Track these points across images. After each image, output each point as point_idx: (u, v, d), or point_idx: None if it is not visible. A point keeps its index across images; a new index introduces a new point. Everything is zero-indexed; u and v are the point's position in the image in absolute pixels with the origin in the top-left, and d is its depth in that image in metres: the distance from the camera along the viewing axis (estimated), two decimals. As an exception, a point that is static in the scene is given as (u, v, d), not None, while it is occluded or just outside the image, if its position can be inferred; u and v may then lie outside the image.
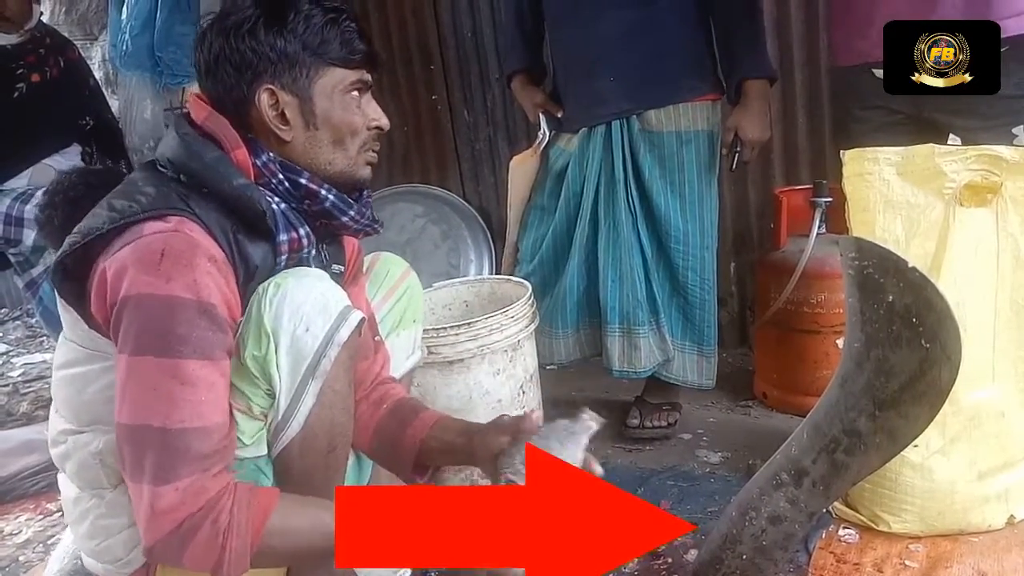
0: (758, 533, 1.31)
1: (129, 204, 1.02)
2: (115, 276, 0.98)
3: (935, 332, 1.12)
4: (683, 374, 2.01)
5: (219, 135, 1.09)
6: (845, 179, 1.49)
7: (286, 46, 1.09)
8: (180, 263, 0.97)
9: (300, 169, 1.12)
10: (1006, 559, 1.42)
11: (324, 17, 1.11)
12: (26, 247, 2.48)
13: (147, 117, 2.85)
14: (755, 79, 1.88)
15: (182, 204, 1.03)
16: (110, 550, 1.14)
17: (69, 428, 1.14)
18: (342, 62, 1.12)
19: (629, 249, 1.93)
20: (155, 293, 0.95)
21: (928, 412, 1.18)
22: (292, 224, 1.11)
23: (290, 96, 1.10)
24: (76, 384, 1.11)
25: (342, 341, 1.07)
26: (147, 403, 0.95)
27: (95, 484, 1.13)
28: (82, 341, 1.09)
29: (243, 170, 1.08)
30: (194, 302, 0.97)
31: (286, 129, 1.11)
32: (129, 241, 0.99)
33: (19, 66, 2.49)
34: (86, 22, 3.44)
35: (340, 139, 1.14)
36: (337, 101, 1.13)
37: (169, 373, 0.95)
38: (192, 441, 0.95)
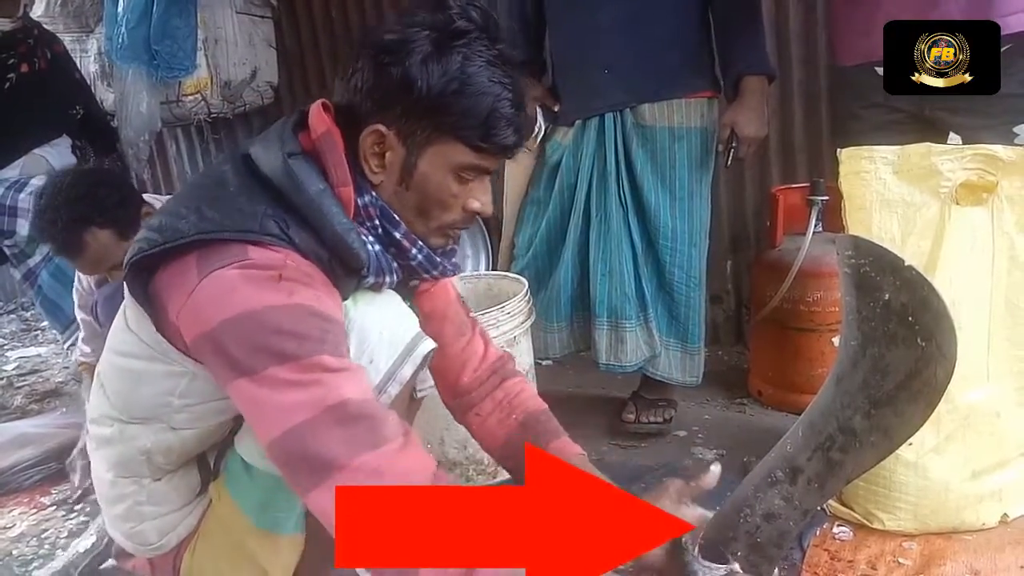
0: (752, 530, 1.31)
1: (222, 217, 0.96)
2: (219, 296, 0.91)
3: (931, 331, 1.12)
4: (668, 371, 2.01)
5: (328, 163, 1.01)
6: (842, 177, 1.49)
7: (421, 95, 0.97)
8: (300, 282, 0.93)
9: (398, 221, 1.05)
10: (999, 558, 1.42)
11: (485, 86, 0.97)
12: (21, 238, 2.47)
13: (143, 110, 2.84)
14: (753, 75, 1.87)
15: (280, 232, 0.96)
16: (143, 534, 1.15)
17: (117, 416, 1.11)
18: (471, 144, 1.00)
19: (619, 243, 1.93)
20: (282, 304, 0.90)
21: (923, 411, 1.18)
22: (383, 269, 1.05)
23: (398, 143, 1.01)
24: (132, 378, 1.08)
25: (405, 379, 1.04)
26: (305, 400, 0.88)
27: (137, 474, 1.12)
28: (146, 339, 1.04)
29: (345, 207, 1.00)
30: (320, 311, 0.93)
31: (379, 172, 1.03)
32: (231, 261, 0.93)
33: (10, 55, 2.49)
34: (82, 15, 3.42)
35: (425, 209, 1.05)
36: (442, 175, 1.02)
37: (317, 368, 0.89)
38: (372, 409, 0.90)
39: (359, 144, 1.02)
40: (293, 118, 1.07)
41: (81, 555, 1.77)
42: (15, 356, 3.65)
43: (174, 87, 2.98)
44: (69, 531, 1.93)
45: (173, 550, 1.15)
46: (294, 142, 1.02)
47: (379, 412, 0.92)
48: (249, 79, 3.21)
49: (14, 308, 4.57)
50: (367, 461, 0.87)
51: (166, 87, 2.95)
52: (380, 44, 1.00)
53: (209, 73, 3.05)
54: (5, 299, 4.74)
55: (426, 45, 0.97)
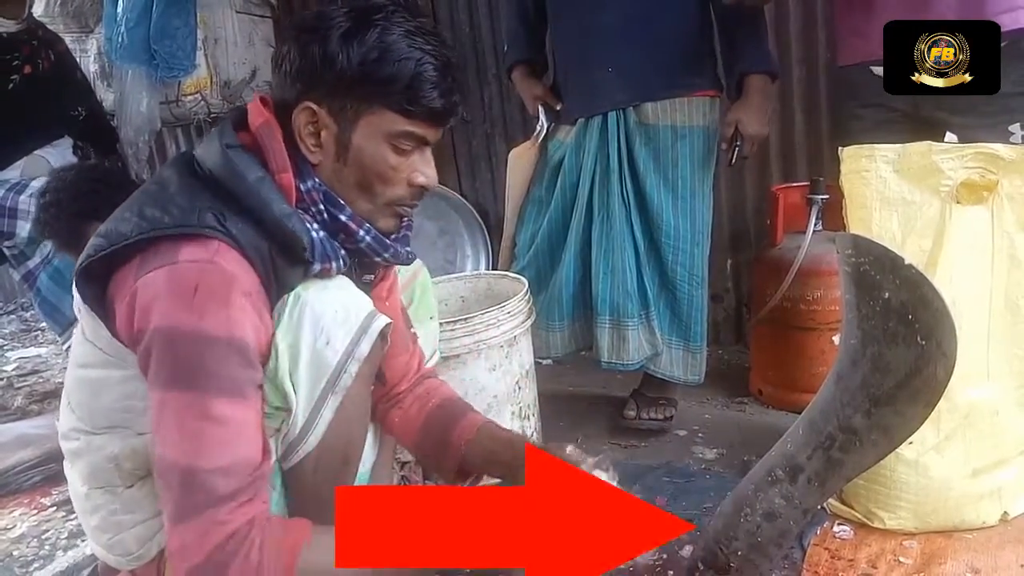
0: (753, 529, 1.31)
1: (161, 215, 0.97)
2: (146, 303, 0.93)
3: (931, 329, 1.12)
4: (670, 369, 2.01)
5: (268, 151, 1.02)
6: (842, 176, 1.49)
7: (345, 68, 0.99)
8: (214, 299, 0.93)
9: (342, 204, 1.05)
10: (1000, 556, 1.42)
11: (405, 51, 1.00)
12: (21, 239, 2.47)
13: (142, 110, 2.84)
14: (756, 74, 1.87)
15: (218, 224, 0.96)
16: (122, 544, 1.14)
17: (82, 428, 1.11)
18: (399, 109, 1.01)
19: (621, 241, 1.93)
20: (187, 329, 0.92)
21: (923, 409, 1.19)
22: (328, 255, 1.05)
23: (330, 120, 1.02)
24: (93, 387, 1.08)
25: (363, 356, 1.04)
26: (176, 441, 0.92)
27: (108, 483, 1.12)
28: (102, 345, 1.04)
29: (286, 194, 1.01)
30: (226, 339, 0.93)
31: (316, 151, 1.04)
32: (162, 264, 0.94)
33: (14, 57, 2.48)
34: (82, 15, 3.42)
35: (367, 184, 1.05)
36: (375, 146, 1.03)
37: (198, 410, 0.92)
38: (219, 479, 0.91)
39: (293, 125, 1.03)
40: (232, 115, 1.08)
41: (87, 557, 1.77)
42: (15, 357, 3.65)
43: (174, 87, 2.98)
44: (70, 532, 1.93)
45: (155, 559, 1.13)
46: (232, 136, 1.04)
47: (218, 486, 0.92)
48: (249, 79, 3.21)
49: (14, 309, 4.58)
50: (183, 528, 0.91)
51: (166, 87, 2.95)
52: (301, 26, 1.03)
53: (209, 73, 3.05)
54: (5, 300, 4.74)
55: (344, 21, 1.00)
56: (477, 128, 3.09)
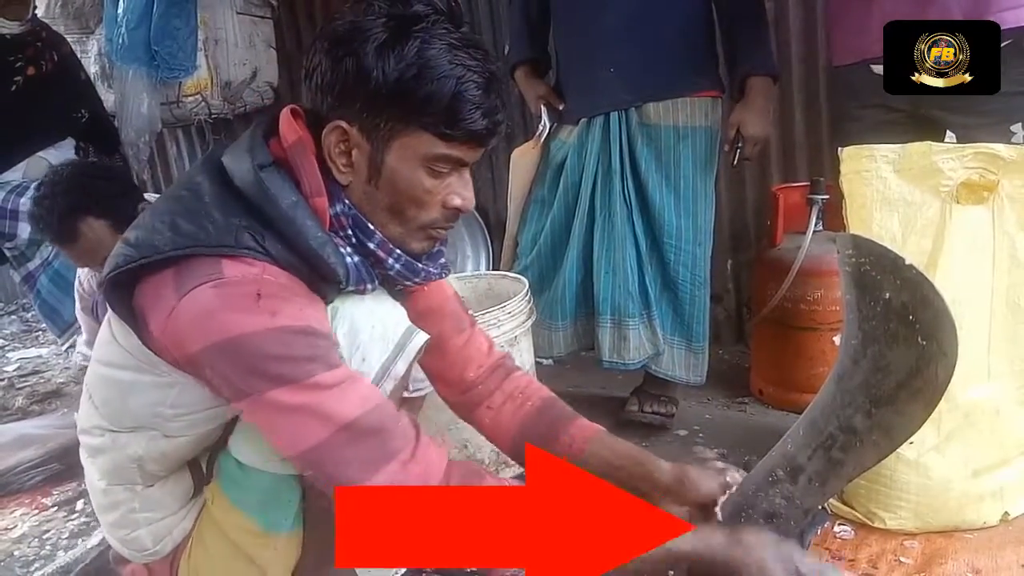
0: (754, 529, 1.31)
1: (197, 230, 0.93)
2: (199, 319, 0.90)
3: (932, 329, 1.12)
4: (672, 369, 2.01)
5: (301, 173, 0.97)
6: (842, 176, 1.49)
7: (381, 85, 0.92)
8: (279, 299, 0.91)
9: (372, 231, 1.00)
10: (1000, 556, 1.42)
11: (446, 68, 0.92)
12: (22, 240, 2.48)
13: (143, 111, 2.85)
14: (759, 76, 1.88)
15: (256, 244, 0.93)
16: (138, 540, 1.14)
17: (106, 426, 1.09)
18: (437, 132, 0.94)
19: (623, 241, 1.93)
20: (263, 328, 0.88)
21: (924, 409, 1.18)
22: (363, 279, 1.02)
23: (363, 139, 0.96)
24: (120, 389, 1.06)
25: (399, 375, 1.03)
26: (309, 422, 0.88)
27: (129, 481, 1.12)
28: (132, 350, 1.01)
29: (320, 219, 0.97)
30: (305, 328, 0.91)
31: (346, 172, 0.98)
32: (205, 280, 0.90)
33: (17, 58, 2.49)
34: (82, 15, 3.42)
35: (399, 208, 0.99)
36: (411, 169, 0.96)
37: (313, 389, 0.88)
38: (378, 420, 0.89)
39: (323, 144, 0.97)
40: (263, 125, 1.03)
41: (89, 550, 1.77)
42: (16, 357, 3.65)
43: (174, 88, 2.98)
44: (71, 532, 1.93)
45: (169, 555, 1.14)
46: (264, 152, 0.98)
47: (386, 422, 0.91)
48: (249, 80, 3.22)
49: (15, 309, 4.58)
50: (381, 478, 0.89)
51: (166, 88, 2.96)
52: (333, 36, 0.95)
53: (209, 74, 3.05)
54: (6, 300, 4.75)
55: (381, 32, 0.92)
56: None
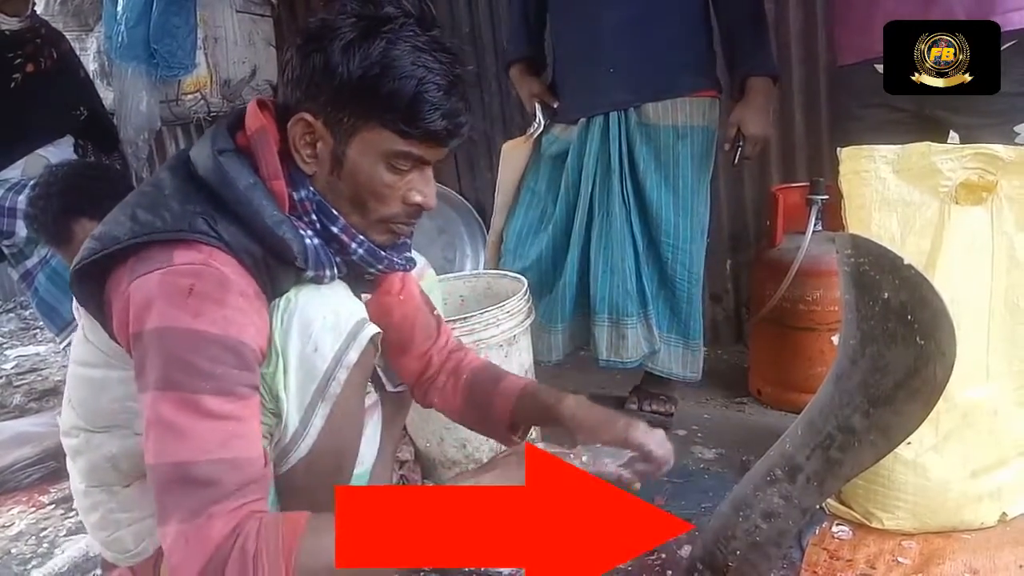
0: (752, 529, 1.31)
1: (154, 219, 0.95)
2: (140, 305, 0.92)
3: (930, 329, 1.12)
4: (669, 366, 2.02)
5: (260, 158, 1.00)
6: (841, 177, 1.49)
7: (345, 80, 0.96)
8: (209, 299, 0.92)
9: (335, 216, 1.03)
10: (998, 556, 1.42)
11: (408, 69, 0.95)
12: (20, 238, 2.47)
13: (142, 109, 2.84)
14: (759, 76, 1.88)
15: (210, 229, 0.95)
16: (120, 541, 1.15)
17: (82, 425, 1.11)
18: (396, 129, 0.98)
19: (621, 241, 1.93)
20: (180, 327, 0.90)
21: (922, 409, 1.19)
22: (322, 262, 1.04)
23: (326, 132, 0.99)
24: (93, 387, 1.08)
25: (351, 363, 1.03)
26: (171, 440, 0.89)
27: (106, 482, 1.12)
28: (101, 346, 1.04)
29: (278, 201, 0.99)
30: (221, 338, 0.91)
31: (310, 163, 1.01)
32: (155, 267, 0.93)
33: (16, 55, 2.48)
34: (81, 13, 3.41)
35: (360, 200, 1.03)
36: (370, 163, 1.00)
37: (192, 408, 0.89)
38: (222, 473, 0.88)
39: (288, 135, 1.01)
40: (229, 117, 1.06)
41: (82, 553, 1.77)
42: (14, 355, 3.65)
43: (174, 86, 2.98)
44: (68, 530, 1.93)
45: (152, 557, 1.14)
46: (225, 139, 1.01)
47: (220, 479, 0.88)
48: (249, 78, 3.21)
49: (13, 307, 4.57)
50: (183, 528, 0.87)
51: (166, 86, 2.95)
52: (305, 33, 0.99)
53: (209, 72, 3.05)
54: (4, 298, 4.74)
55: (349, 31, 0.96)
56: (476, 127, 3.09)
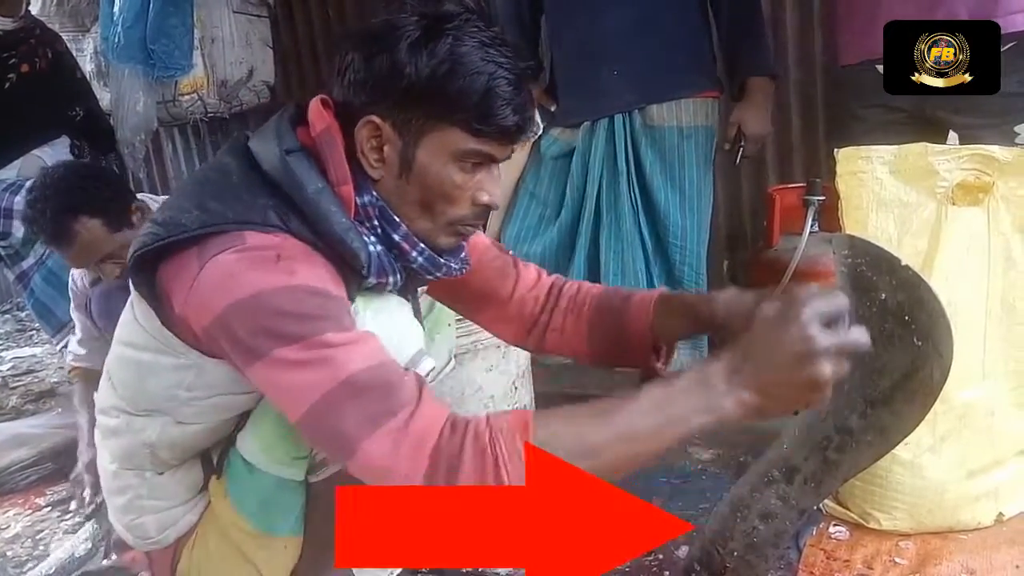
0: (749, 530, 1.31)
1: (225, 210, 0.95)
2: (221, 281, 0.91)
3: (927, 330, 1.12)
4: (676, 369, 2.02)
5: (328, 160, 0.99)
6: (838, 177, 1.49)
7: (414, 80, 0.94)
8: (299, 261, 0.92)
9: (397, 222, 1.01)
10: (995, 557, 1.42)
11: (478, 65, 0.94)
12: (16, 239, 2.46)
13: (139, 110, 2.84)
14: (758, 76, 1.88)
15: (281, 223, 0.95)
16: (142, 527, 1.15)
17: (123, 407, 1.10)
18: (468, 127, 0.96)
19: (631, 243, 1.94)
20: (279, 286, 0.89)
21: (919, 410, 1.19)
22: (385, 270, 1.02)
23: (394, 135, 0.97)
24: (139, 370, 1.07)
25: None
26: (315, 374, 0.87)
27: (140, 467, 1.13)
28: (153, 332, 1.03)
29: (345, 206, 0.98)
30: (320, 288, 0.91)
31: (378, 166, 1.00)
32: (229, 247, 0.92)
33: (11, 55, 2.47)
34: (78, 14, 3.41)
35: (429, 203, 1.01)
36: (441, 164, 0.98)
37: (321, 345, 0.87)
38: (385, 374, 0.87)
39: (355, 139, 0.99)
40: (289, 112, 1.05)
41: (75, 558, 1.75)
42: (10, 356, 3.64)
43: (170, 86, 2.98)
44: (64, 532, 1.92)
45: (171, 546, 1.15)
46: (292, 138, 1.00)
47: (389, 377, 0.88)
48: (245, 78, 3.21)
49: (9, 308, 4.56)
50: (381, 434, 0.85)
51: (162, 86, 2.95)
52: (368, 34, 0.98)
53: (205, 72, 3.05)
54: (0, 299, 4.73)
55: (414, 30, 0.94)
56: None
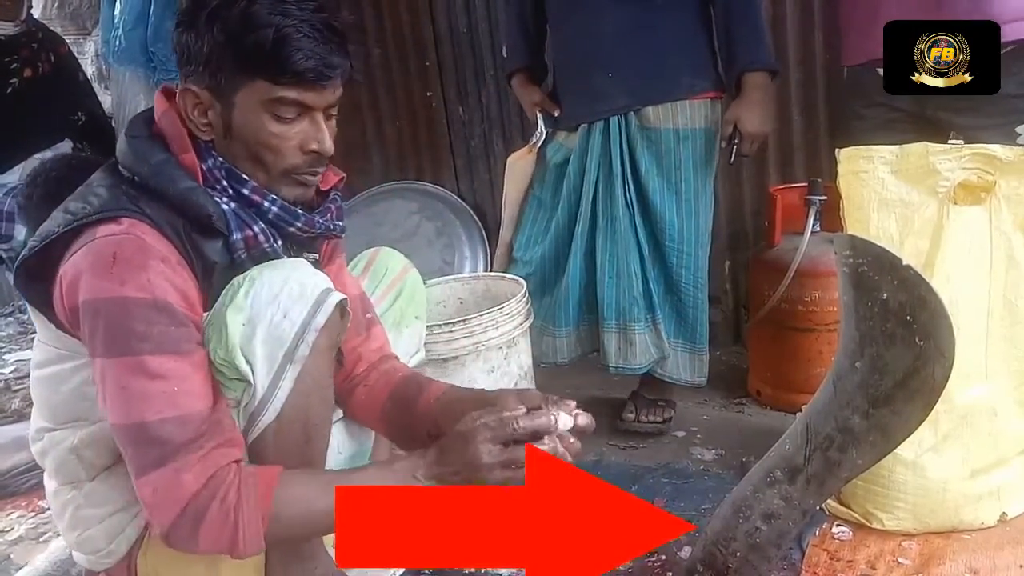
0: (752, 530, 1.31)
1: (82, 206, 1.03)
2: (71, 281, 0.99)
3: (929, 330, 1.12)
4: (676, 372, 2.02)
5: (168, 136, 1.08)
6: (840, 177, 1.49)
7: (212, 45, 1.04)
8: (132, 265, 0.98)
9: (245, 179, 1.10)
10: (998, 557, 1.42)
11: (266, 18, 1.02)
12: (18, 242, 2.47)
13: (140, 112, 2.84)
14: (755, 71, 1.87)
15: (132, 205, 1.03)
16: (91, 540, 1.15)
17: (46, 426, 1.15)
18: (267, 76, 1.04)
19: (627, 246, 1.93)
20: (110, 296, 0.97)
21: (921, 410, 1.19)
22: (245, 222, 1.09)
23: (211, 98, 1.07)
24: (51, 383, 1.12)
25: (319, 326, 1.06)
26: (123, 403, 0.97)
27: (73, 477, 1.14)
28: (52, 342, 1.10)
29: (191, 173, 1.07)
30: (149, 300, 0.98)
31: (205, 130, 1.09)
32: (83, 243, 1.00)
33: (13, 60, 2.48)
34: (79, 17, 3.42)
35: (257, 156, 1.09)
36: (256, 116, 1.06)
37: (135, 370, 0.96)
38: (173, 429, 0.96)
39: (179, 110, 1.08)
40: (145, 112, 1.14)
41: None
42: (12, 359, 3.63)
43: (172, 89, 2.98)
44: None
45: (125, 557, 1.15)
46: (139, 128, 1.10)
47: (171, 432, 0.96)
48: (246, 80, 3.21)
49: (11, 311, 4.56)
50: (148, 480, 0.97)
51: (163, 89, 2.95)
52: (180, 15, 1.09)
53: (206, 75, 3.04)
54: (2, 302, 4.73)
55: (214, 1, 1.04)
56: (475, 128, 3.09)
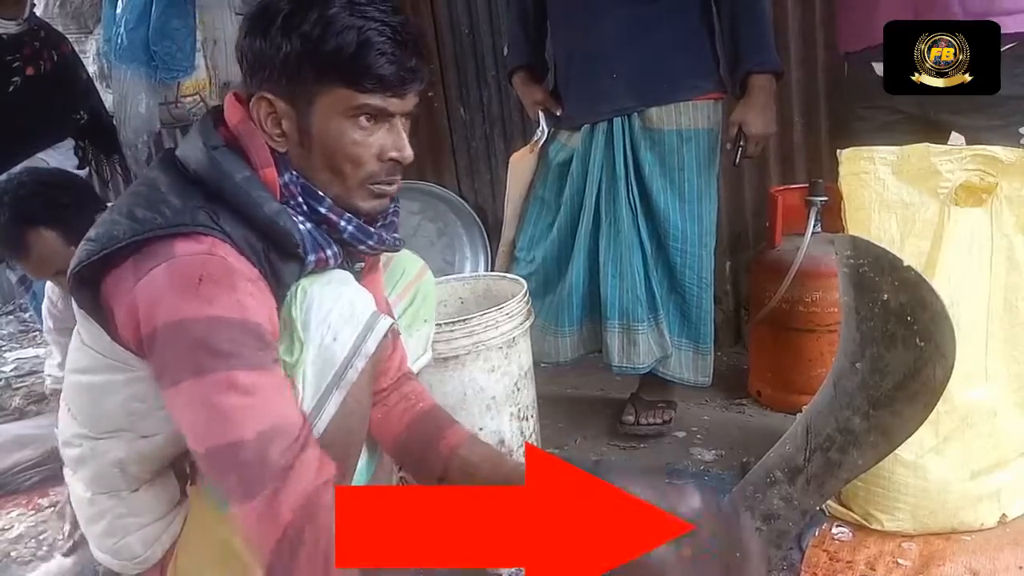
0: (752, 531, 1.31)
1: (153, 216, 0.96)
2: (150, 302, 0.93)
3: (930, 331, 1.12)
4: (680, 371, 2.02)
5: (249, 148, 1.03)
6: (841, 178, 1.49)
7: (289, 51, 0.99)
8: (220, 285, 0.93)
9: (321, 196, 1.05)
10: (998, 558, 1.42)
11: (346, 21, 0.98)
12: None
13: (141, 111, 2.84)
14: (760, 73, 1.87)
15: (211, 222, 0.97)
16: (128, 547, 1.14)
17: (84, 433, 1.11)
18: (349, 83, 1.00)
19: (629, 246, 1.93)
20: (198, 316, 0.91)
21: (922, 411, 1.19)
22: (320, 245, 1.06)
23: (287, 107, 1.02)
24: (93, 392, 1.07)
25: (369, 353, 1.05)
26: (217, 423, 0.90)
27: (113, 488, 1.12)
28: (102, 350, 1.04)
29: (271, 190, 1.02)
30: (239, 321, 0.92)
31: (280, 140, 1.04)
32: (160, 261, 0.94)
33: (15, 58, 2.47)
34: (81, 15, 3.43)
35: (335, 167, 1.05)
36: (336, 125, 1.02)
37: (225, 387, 0.90)
38: (268, 446, 0.89)
39: (253, 119, 1.03)
40: (211, 115, 1.09)
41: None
42: (13, 357, 3.64)
43: (173, 88, 2.97)
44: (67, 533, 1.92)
45: (159, 563, 1.15)
46: (214, 136, 1.04)
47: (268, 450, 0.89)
48: (247, 80, 3.21)
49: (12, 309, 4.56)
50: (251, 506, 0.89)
51: (165, 88, 2.95)
52: (248, 20, 1.04)
53: (208, 74, 3.04)
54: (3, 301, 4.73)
55: (286, 5, 1.00)
56: (476, 129, 3.09)
